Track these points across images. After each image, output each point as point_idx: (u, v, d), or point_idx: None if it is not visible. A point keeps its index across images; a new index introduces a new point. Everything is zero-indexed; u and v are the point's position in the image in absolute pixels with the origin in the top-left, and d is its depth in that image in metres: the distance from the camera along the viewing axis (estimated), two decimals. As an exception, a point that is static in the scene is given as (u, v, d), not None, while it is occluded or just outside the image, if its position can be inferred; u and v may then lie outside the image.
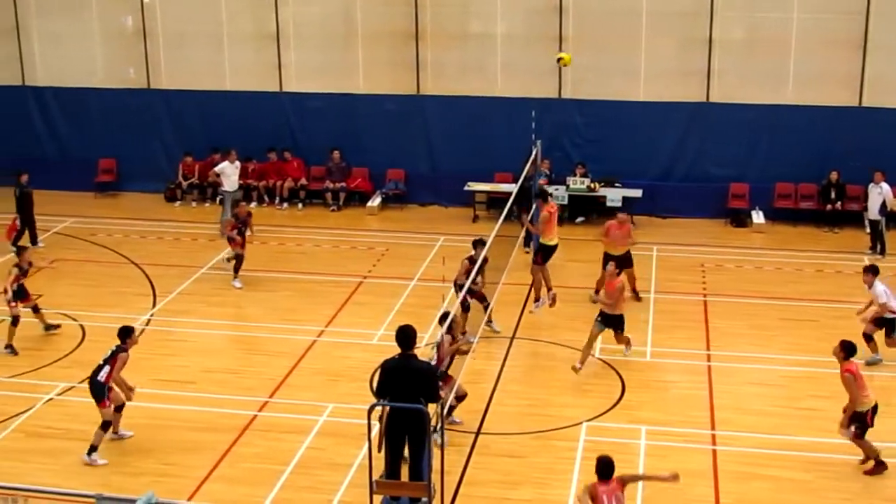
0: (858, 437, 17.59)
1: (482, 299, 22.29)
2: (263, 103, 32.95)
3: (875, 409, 17.50)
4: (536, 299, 23.62)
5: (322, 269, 27.12)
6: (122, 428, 18.73)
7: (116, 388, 18.37)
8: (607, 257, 23.79)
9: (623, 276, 22.59)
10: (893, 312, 21.29)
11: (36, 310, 23.07)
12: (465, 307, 21.90)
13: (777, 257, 28.01)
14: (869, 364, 20.86)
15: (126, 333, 18.64)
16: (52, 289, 25.14)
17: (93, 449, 17.97)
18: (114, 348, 18.47)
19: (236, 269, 25.94)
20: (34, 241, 28.72)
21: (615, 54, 30.94)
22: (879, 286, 21.32)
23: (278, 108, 33.04)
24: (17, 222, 28.38)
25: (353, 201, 32.80)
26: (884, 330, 21.44)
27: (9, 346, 22.39)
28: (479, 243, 22.17)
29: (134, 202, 33.36)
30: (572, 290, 25.04)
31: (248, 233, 26.25)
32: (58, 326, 23.35)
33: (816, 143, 30.40)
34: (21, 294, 22.70)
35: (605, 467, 14.69)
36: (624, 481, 14.74)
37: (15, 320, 22.44)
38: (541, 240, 24.11)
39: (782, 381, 20.94)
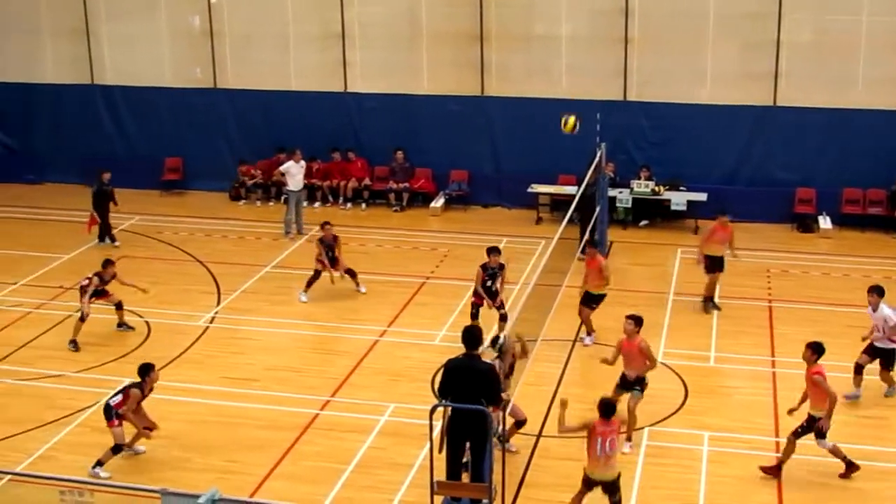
0: (821, 437, 17.48)
1: (501, 307, 22.39)
2: (328, 103, 33.07)
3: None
4: (588, 333, 22.83)
5: (384, 270, 27.18)
6: (136, 444, 18.47)
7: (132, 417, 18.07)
8: (708, 259, 24.23)
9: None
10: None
11: (119, 307, 23.41)
12: (473, 315, 22.21)
13: (844, 263, 27.71)
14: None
15: (145, 371, 18.32)
16: (118, 286, 25.34)
17: (98, 463, 17.79)
18: (132, 383, 18.33)
19: (308, 284, 25.26)
20: (111, 239, 29.20)
21: (681, 56, 30.74)
22: (887, 309, 19.90)
23: (342, 108, 33.15)
24: (95, 216, 28.83)
25: (416, 202, 32.83)
26: (879, 361, 20.13)
27: (73, 342, 22.63)
28: (493, 251, 22.38)
29: (199, 200, 33.62)
30: (636, 293, 24.93)
31: (336, 255, 25.39)
32: (132, 328, 23.56)
33: (886, 148, 30.03)
34: (100, 293, 23.08)
35: (607, 407, 15.73)
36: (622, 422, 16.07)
37: (83, 317, 22.68)
38: (591, 290, 22.60)
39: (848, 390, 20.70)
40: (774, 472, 17.52)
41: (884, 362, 20.08)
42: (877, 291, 20.09)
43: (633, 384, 18.53)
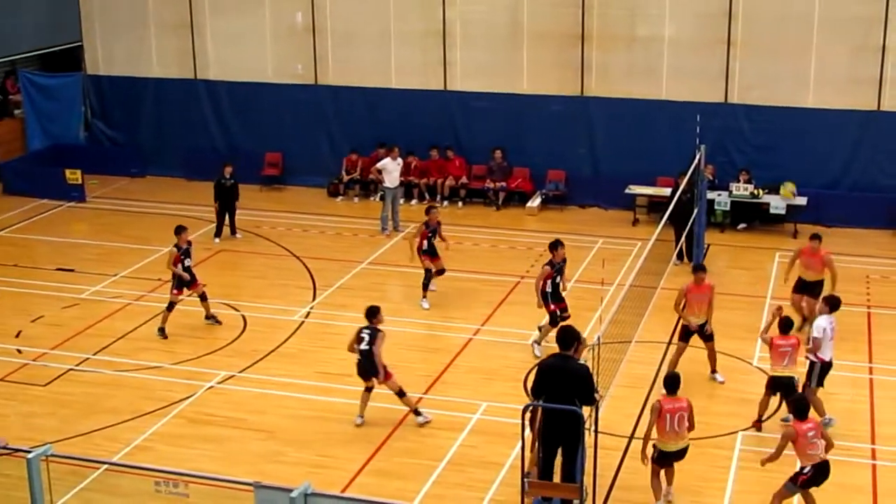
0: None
1: (564, 309, 22.12)
2: (428, 101, 33.19)
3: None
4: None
5: (480, 268, 27.22)
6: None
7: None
8: (800, 282, 23.11)
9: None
10: (819, 358, 18.91)
11: (203, 298, 23.55)
12: (553, 320, 21.82)
13: (946, 271, 27.28)
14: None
15: (372, 314, 19.51)
16: (216, 278, 25.66)
17: (417, 412, 19.39)
18: (371, 333, 19.21)
19: (424, 287, 25.01)
20: (232, 232, 29.52)
21: (784, 60, 30.38)
22: (824, 321, 18.96)
23: (442, 106, 33.23)
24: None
25: (512, 201, 32.82)
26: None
27: (161, 330, 22.93)
28: (557, 245, 22.13)
29: (297, 196, 33.91)
30: (733, 297, 24.72)
31: (439, 242, 25.30)
32: (219, 322, 23.76)
33: None
34: (186, 281, 23.19)
35: (671, 381, 16.10)
36: (691, 408, 16.18)
37: (170, 305, 22.97)
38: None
39: (949, 398, 20.41)
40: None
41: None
42: (828, 301, 19.54)
43: None
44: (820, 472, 15.77)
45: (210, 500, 14.93)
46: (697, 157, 25.88)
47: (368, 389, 19.31)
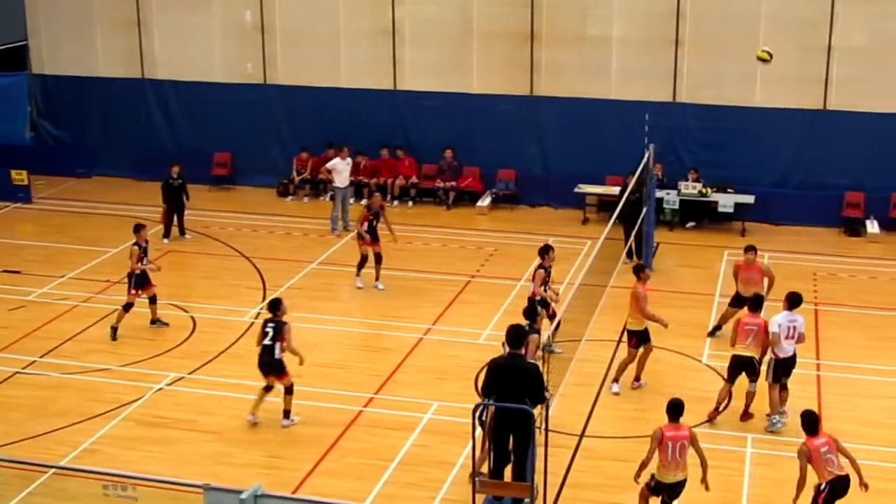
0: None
1: (553, 316, 21.38)
2: (378, 101, 33.14)
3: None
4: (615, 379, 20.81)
5: (431, 268, 27.21)
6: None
7: None
8: (737, 297, 22.36)
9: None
10: (775, 354, 19.03)
11: (153, 300, 23.39)
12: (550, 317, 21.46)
13: (892, 267, 27.51)
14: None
15: (275, 306, 19.28)
16: (165, 279, 25.48)
17: (287, 414, 19.17)
18: (275, 325, 19.07)
19: (358, 268, 25.70)
20: (181, 232, 29.32)
21: (732, 59, 30.52)
22: (781, 317, 19.05)
23: (392, 105, 33.19)
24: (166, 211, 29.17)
25: (463, 200, 32.83)
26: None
27: (113, 329, 22.77)
28: (547, 249, 21.95)
29: (247, 196, 33.77)
30: (682, 294, 24.85)
31: (381, 226, 25.82)
32: (166, 324, 23.56)
33: (936, 153, 29.90)
34: (142, 281, 23.03)
35: (673, 408, 15.49)
36: (694, 438, 15.58)
37: (127, 306, 22.81)
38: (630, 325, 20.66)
39: (896, 394, 20.61)
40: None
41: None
42: (788, 298, 19.33)
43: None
44: (838, 487, 15.44)
45: (159, 502, 14.86)
46: (646, 156, 25.99)
47: (267, 388, 19.23)
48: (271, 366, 19.01)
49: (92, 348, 22.46)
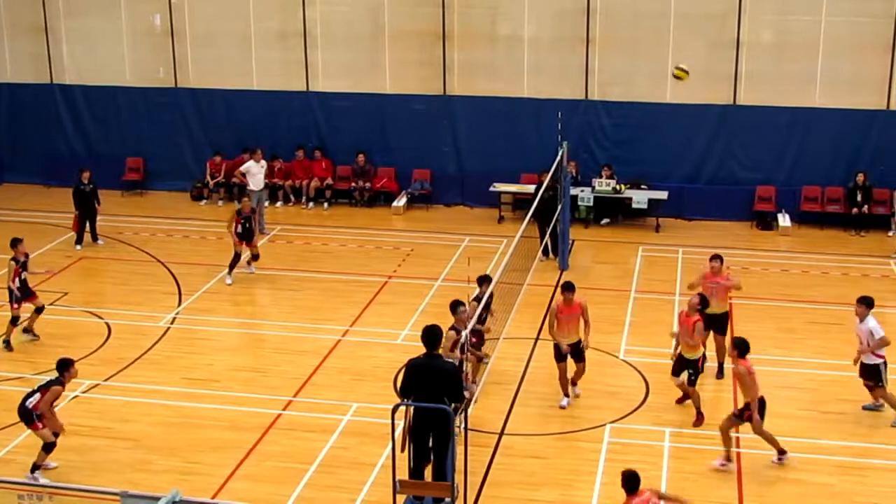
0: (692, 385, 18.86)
1: (479, 346, 19.84)
2: (291, 102, 33.04)
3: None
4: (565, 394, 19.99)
5: (347, 269, 27.15)
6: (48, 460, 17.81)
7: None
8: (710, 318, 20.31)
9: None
10: (881, 356, 18.99)
11: (39, 311, 22.93)
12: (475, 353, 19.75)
13: (803, 260, 27.91)
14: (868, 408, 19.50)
15: (64, 366, 17.89)
16: (78, 286, 25.24)
17: (35, 468, 17.49)
18: (50, 379, 17.90)
19: (231, 266, 26.01)
20: (94, 238, 28.97)
21: (643, 56, 30.85)
22: (873, 321, 18.92)
23: (305, 107, 33.10)
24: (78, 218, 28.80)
25: (378, 201, 32.81)
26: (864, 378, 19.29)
27: (6, 342, 22.45)
28: (485, 280, 20.64)
29: (160, 201, 33.50)
30: (598, 291, 25.00)
31: (252, 227, 26.22)
32: (37, 337, 22.93)
33: (843, 147, 30.35)
34: (25, 293, 22.67)
35: (628, 480, 14.49)
36: (660, 496, 14.69)
37: (14, 320, 22.48)
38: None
39: (809, 385, 20.86)
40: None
41: (875, 378, 19.08)
42: (864, 302, 19.04)
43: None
44: None
45: (77, 511, 14.70)
46: (560, 153, 26.14)
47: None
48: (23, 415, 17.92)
49: (4, 356, 22.13)
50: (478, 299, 19.81)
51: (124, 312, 24.39)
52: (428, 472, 15.97)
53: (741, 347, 17.79)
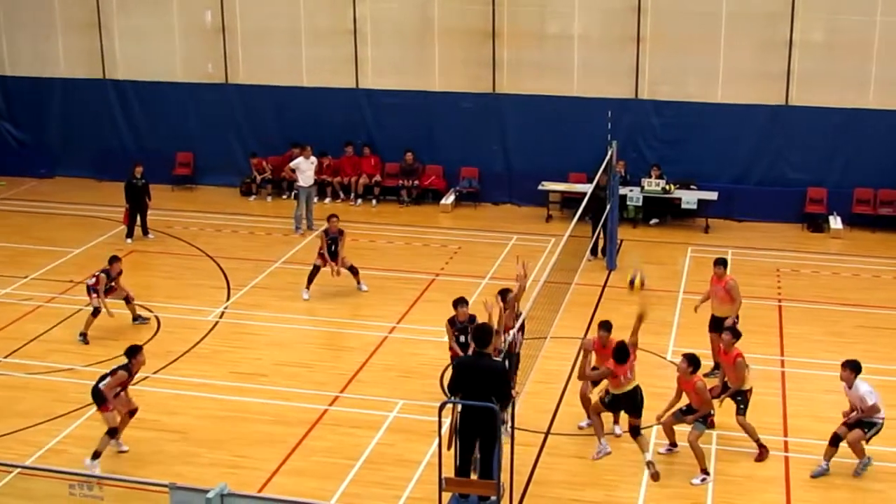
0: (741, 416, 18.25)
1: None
2: (339, 99, 33.10)
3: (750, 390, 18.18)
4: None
5: (394, 266, 27.20)
6: (122, 440, 18.35)
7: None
8: (711, 319, 20.95)
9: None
10: (879, 417, 17.64)
11: (128, 300, 23.41)
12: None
13: (854, 263, 27.68)
14: (814, 475, 17.63)
15: (132, 353, 18.27)
16: (128, 279, 25.35)
17: (96, 455, 17.70)
18: (120, 365, 18.24)
19: (309, 280, 25.16)
20: (144, 232, 29.24)
21: (693, 55, 30.71)
22: (864, 386, 17.56)
23: (354, 104, 33.15)
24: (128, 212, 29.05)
25: (426, 199, 32.82)
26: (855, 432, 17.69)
27: (83, 335, 22.68)
28: (459, 303, 20.31)
29: (210, 196, 33.69)
30: (649, 292, 24.85)
31: (338, 250, 25.31)
32: (146, 321, 23.62)
33: (897, 149, 30.11)
34: (106, 290, 23.07)
35: (619, 352, 17.23)
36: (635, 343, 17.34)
37: (96, 311, 22.73)
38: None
39: (857, 389, 20.68)
40: (762, 454, 18.09)
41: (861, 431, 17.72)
42: (850, 366, 17.71)
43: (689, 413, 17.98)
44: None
45: (125, 502, 14.83)
46: (609, 153, 26.05)
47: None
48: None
49: (55, 348, 22.35)
50: (451, 322, 20.10)
51: (173, 306, 24.55)
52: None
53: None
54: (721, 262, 21.26)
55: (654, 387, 19.49)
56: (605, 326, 18.67)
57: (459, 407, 15.69)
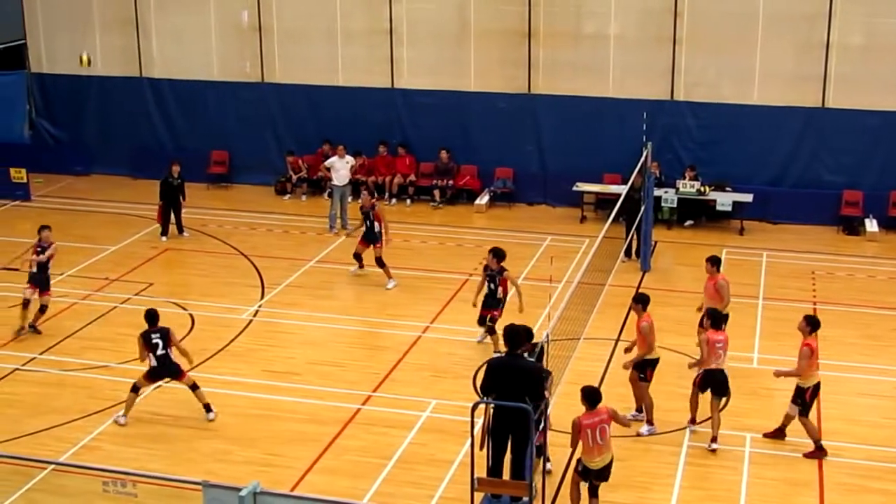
0: (803, 416, 18.04)
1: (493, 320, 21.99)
2: (375, 99, 33.14)
3: (816, 388, 18.02)
4: (649, 421, 19.32)
5: (428, 266, 27.22)
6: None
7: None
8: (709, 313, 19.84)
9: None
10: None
11: (42, 309, 23.26)
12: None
13: (890, 266, 27.52)
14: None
15: (151, 318, 19.46)
16: (163, 277, 25.54)
17: (208, 408, 19.31)
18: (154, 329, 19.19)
19: (382, 268, 25.78)
20: (179, 230, 29.36)
21: (729, 57, 30.60)
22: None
23: (390, 104, 33.19)
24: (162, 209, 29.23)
25: (460, 199, 32.83)
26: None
27: (21, 329, 23.02)
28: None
29: (245, 194, 33.78)
30: (681, 293, 24.84)
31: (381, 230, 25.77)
32: (39, 333, 23.29)
33: (935, 152, 29.91)
34: (42, 284, 23.23)
35: (589, 395, 15.88)
36: (614, 416, 16.02)
37: (43, 308, 23.07)
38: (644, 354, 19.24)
39: (893, 393, 20.58)
40: (818, 453, 17.98)
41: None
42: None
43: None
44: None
45: (158, 499, 14.89)
46: (644, 154, 25.99)
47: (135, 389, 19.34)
48: (174, 371, 19.27)
49: (90, 345, 22.49)
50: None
51: (207, 304, 24.65)
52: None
53: (715, 318, 18.70)
54: (713, 261, 21.47)
55: (687, 388, 19.43)
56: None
57: (492, 407, 15.70)
